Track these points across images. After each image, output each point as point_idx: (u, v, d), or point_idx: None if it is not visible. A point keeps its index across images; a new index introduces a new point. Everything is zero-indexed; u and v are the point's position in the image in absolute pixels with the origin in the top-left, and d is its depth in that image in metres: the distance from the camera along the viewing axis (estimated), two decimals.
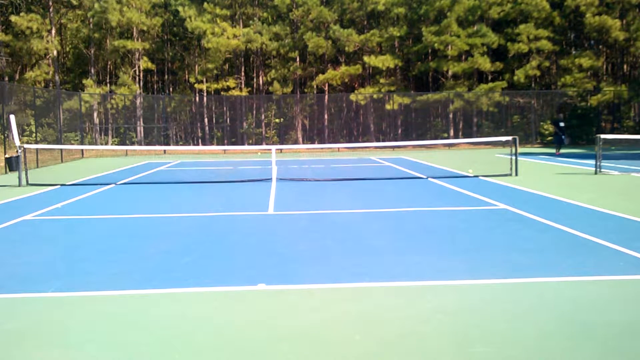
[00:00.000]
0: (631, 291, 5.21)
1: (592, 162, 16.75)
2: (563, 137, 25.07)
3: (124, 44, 36.42)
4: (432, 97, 36.62)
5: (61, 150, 26.11)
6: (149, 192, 13.40)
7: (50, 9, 37.94)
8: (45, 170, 20.31)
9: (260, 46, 36.95)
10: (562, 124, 25.10)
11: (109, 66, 40.51)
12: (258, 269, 6.13)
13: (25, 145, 15.76)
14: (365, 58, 36.14)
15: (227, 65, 40.66)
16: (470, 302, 4.97)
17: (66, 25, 41.60)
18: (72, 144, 30.40)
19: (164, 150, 31.50)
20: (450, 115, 36.99)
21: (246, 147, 33.85)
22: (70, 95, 33.67)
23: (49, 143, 27.85)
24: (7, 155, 20.42)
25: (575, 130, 33.27)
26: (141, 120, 37.37)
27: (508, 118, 37.55)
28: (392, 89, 37.21)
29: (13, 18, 35.39)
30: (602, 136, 16.54)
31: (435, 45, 35.05)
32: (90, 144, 34.00)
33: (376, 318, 4.60)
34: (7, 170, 19.64)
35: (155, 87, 43.92)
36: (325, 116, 38.41)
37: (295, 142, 36.53)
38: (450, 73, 37.16)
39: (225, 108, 39.09)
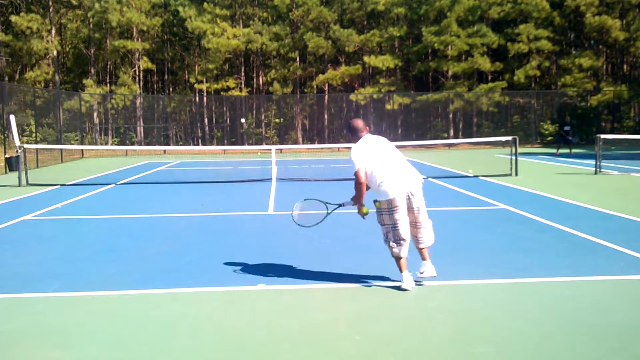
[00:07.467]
0: (631, 291, 5.20)
1: (592, 162, 16.74)
2: (571, 139, 25.21)
3: (124, 44, 36.43)
4: (432, 97, 36.61)
5: (61, 150, 26.10)
6: (149, 192, 13.39)
7: (50, 9, 37.94)
8: (45, 170, 20.30)
9: (260, 46, 36.95)
10: (567, 128, 25.25)
11: (109, 66, 40.51)
12: (258, 269, 6.13)
13: (25, 145, 15.76)
14: (365, 58, 36.14)
15: (227, 65, 40.65)
16: (470, 302, 4.96)
17: (66, 25, 41.62)
18: (72, 144, 30.38)
19: (164, 150, 31.49)
20: (450, 115, 36.98)
21: (246, 147, 33.83)
22: (70, 95, 33.67)
23: (49, 143, 27.82)
24: (7, 155, 20.42)
25: (576, 130, 33.28)
26: (141, 120, 37.37)
27: (508, 118, 37.54)
28: (392, 89, 37.21)
29: (13, 18, 35.40)
30: (602, 136, 16.53)
31: (435, 45, 35.06)
32: (90, 144, 33.99)
33: (376, 318, 4.60)
34: (7, 170, 19.63)
35: (155, 87, 43.93)
36: (325, 116, 38.42)
37: (295, 142, 36.52)
38: (450, 73, 37.16)
39: (225, 108, 39.09)
